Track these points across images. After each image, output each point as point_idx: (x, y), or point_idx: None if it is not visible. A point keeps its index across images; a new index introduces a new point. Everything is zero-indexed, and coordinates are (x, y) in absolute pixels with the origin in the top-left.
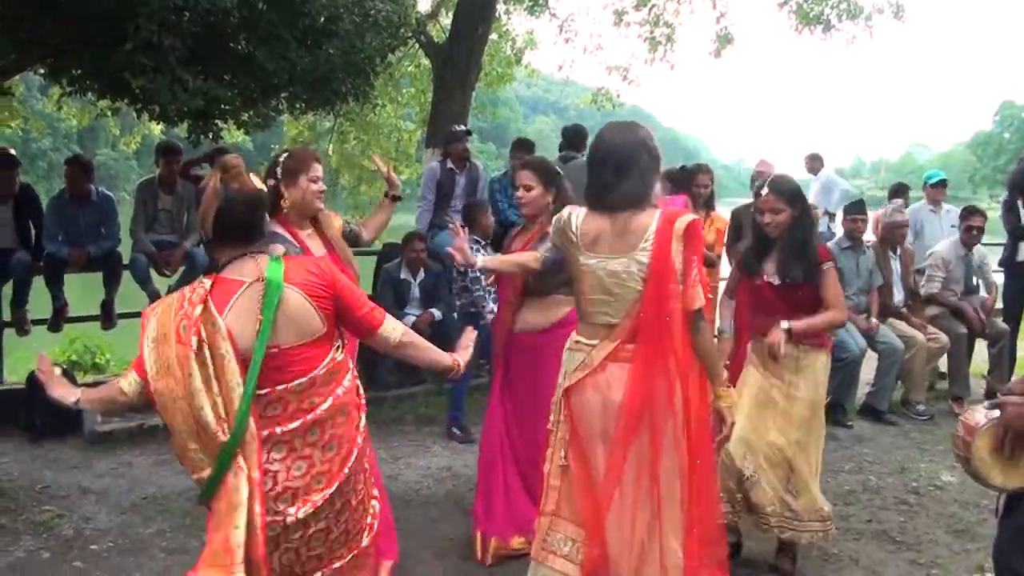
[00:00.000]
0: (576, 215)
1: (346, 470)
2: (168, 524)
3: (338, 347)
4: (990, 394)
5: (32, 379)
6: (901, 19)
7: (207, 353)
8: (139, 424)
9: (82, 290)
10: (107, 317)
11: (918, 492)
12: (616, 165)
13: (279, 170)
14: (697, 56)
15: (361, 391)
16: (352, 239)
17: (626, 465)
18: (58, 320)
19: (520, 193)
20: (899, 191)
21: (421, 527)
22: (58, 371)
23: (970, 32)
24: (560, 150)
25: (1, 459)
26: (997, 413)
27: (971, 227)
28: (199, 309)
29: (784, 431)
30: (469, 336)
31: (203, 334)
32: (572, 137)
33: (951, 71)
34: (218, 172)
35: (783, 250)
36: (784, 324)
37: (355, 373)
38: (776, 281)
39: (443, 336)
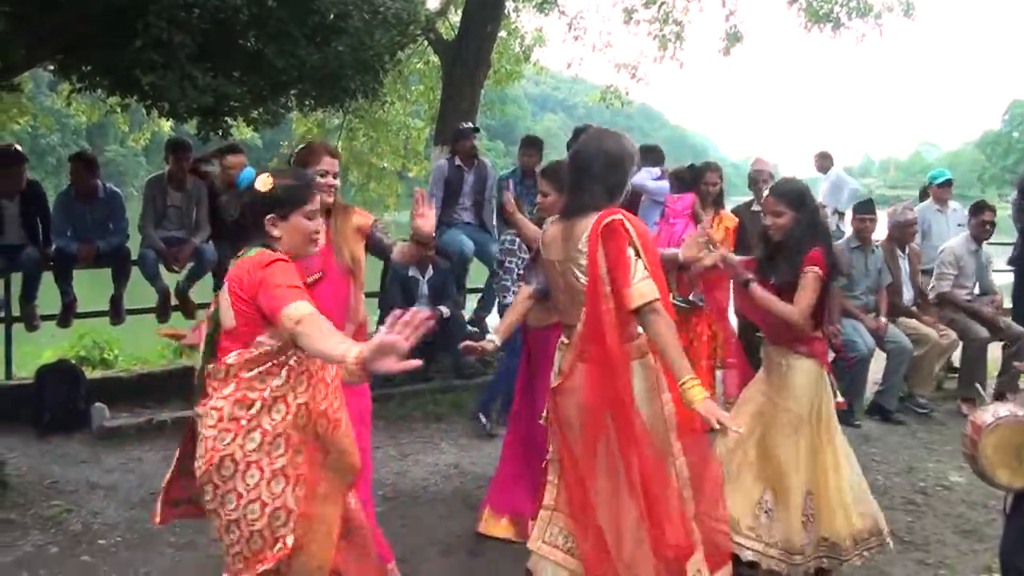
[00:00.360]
0: (547, 223)
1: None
2: (176, 520)
3: (239, 352)
4: (999, 396)
5: (41, 374)
6: (911, 17)
7: None
8: (148, 419)
9: (91, 286)
10: (116, 313)
11: (926, 492)
12: (573, 173)
13: (292, 160)
14: (706, 54)
15: (246, 413)
16: (378, 247)
17: (596, 460)
18: (67, 316)
19: (539, 199)
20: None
21: (428, 524)
22: None
23: (980, 31)
24: (568, 149)
25: (10, 454)
26: (1005, 412)
27: (984, 221)
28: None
29: (769, 446)
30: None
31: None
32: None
33: (960, 70)
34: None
35: (779, 251)
36: (749, 276)
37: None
38: (773, 281)
39: (451, 333)
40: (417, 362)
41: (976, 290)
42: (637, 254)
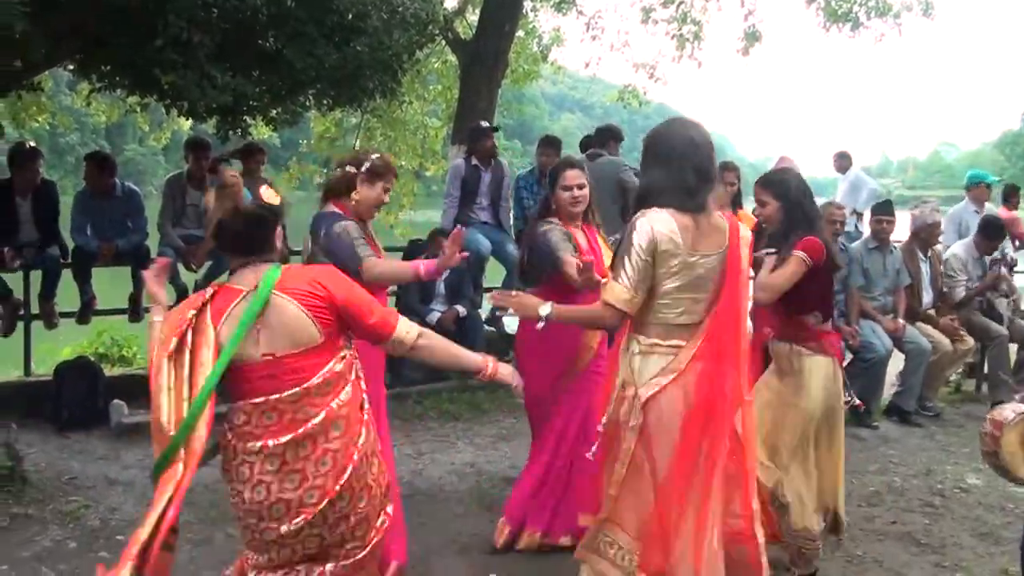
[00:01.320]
0: (664, 219)
1: (338, 487)
2: (193, 515)
3: (341, 358)
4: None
5: (60, 371)
6: (930, 17)
7: (186, 357)
8: None
9: (110, 284)
10: (135, 310)
11: (943, 494)
12: (699, 169)
13: (367, 165)
14: (724, 54)
15: (366, 405)
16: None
17: (695, 466)
18: (86, 313)
19: (577, 192)
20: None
21: (444, 523)
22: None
23: (999, 30)
24: (586, 147)
25: (29, 450)
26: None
27: (996, 245)
28: (191, 313)
29: (772, 437)
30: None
31: (188, 339)
32: (604, 135)
33: (980, 69)
34: (215, 189)
35: (769, 239)
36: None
37: (360, 386)
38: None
39: (467, 332)
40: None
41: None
42: None
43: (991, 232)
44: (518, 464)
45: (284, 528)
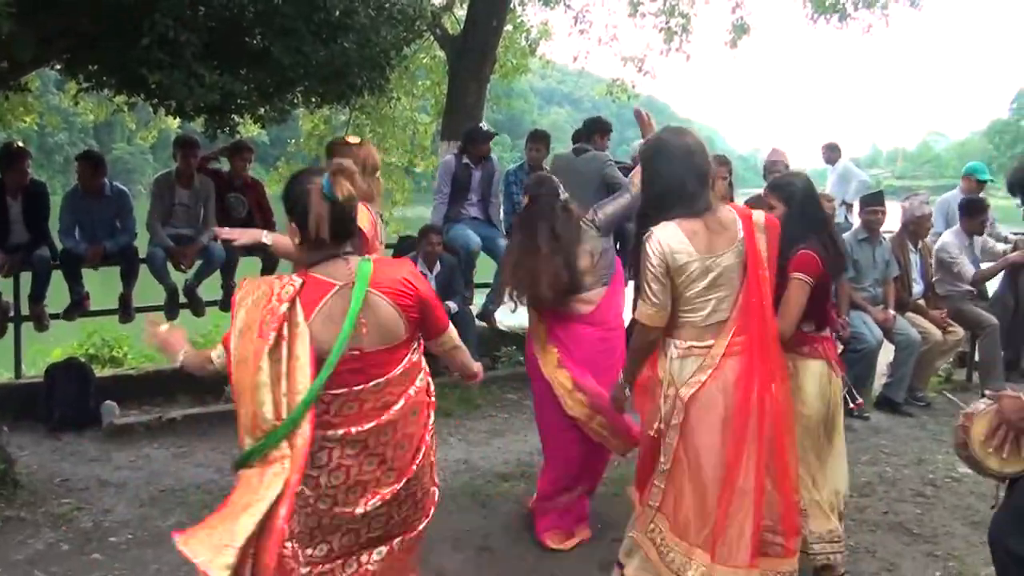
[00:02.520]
0: (673, 231)
1: (415, 466)
2: (187, 516)
3: (415, 348)
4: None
5: (50, 372)
6: (917, 7)
7: (283, 351)
8: (157, 417)
9: (100, 284)
10: (125, 311)
11: (935, 484)
12: (697, 170)
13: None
14: (713, 46)
15: (432, 388)
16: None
17: (741, 458)
18: (78, 309)
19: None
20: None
21: (437, 519)
22: (165, 327)
23: (986, 20)
24: (575, 140)
25: (20, 452)
26: (994, 407)
27: (982, 222)
28: (285, 307)
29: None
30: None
31: (284, 332)
32: (591, 128)
33: (967, 59)
34: (331, 174)
35: None
36: None
37: (427, 371)
38: None
39: (458, 328)
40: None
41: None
42: None
43: (972, 210)
44: (511, 460)
45: (360, 510)
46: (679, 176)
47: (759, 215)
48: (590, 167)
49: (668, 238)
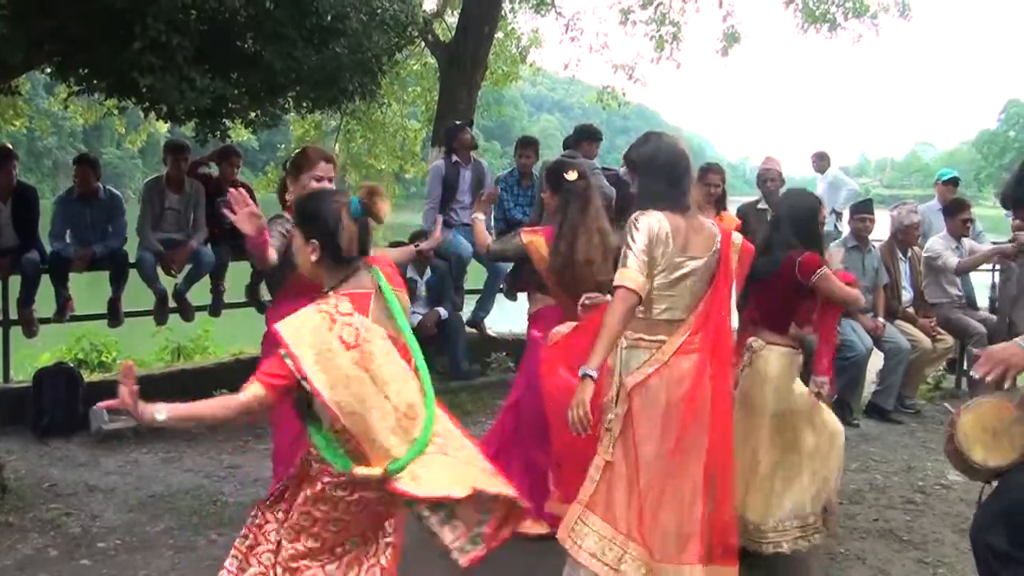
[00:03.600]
0: (660, 219)
1: None
2: (175, 522)
3: None
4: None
5: (39, 377)
6: (907, 18)
7: (375, 364)
8: None
9: (89, 289)
10: (114, 315)
11: (924, 491)
12: (677, 171)
13: (288, 163)
14: (703, 55)
15: None
16: None
17: (683, 453)
18: (63, 313)
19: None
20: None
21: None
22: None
23: (976, 30)
24: (566, 147)
25: (8, 457)
26: (986, 397)
27: (965, 220)
28: (358, 317)
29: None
30: None
31: (364, 338)
32: (579, 135)
33: (957, 69)
34: (366, 195)
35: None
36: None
37: None
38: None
39: (448, 335)
40: None
41: (957, 290)
42: None
43: (952, 210)
44: None
45: None
46: (675, 174)
47: (738, 237)
48: None
49: (655, 222)
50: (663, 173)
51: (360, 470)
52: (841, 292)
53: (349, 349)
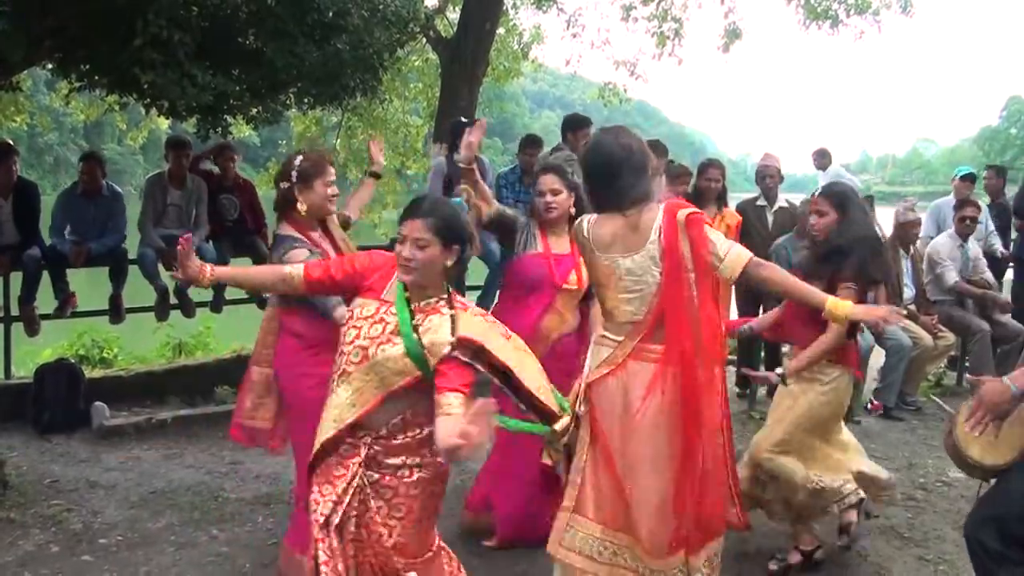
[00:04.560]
0: (588, 221)
1: None
2: (177, 518)
3: None
4: None
5: (40, 373)
6: (909, 14)
7: None
8: (147, 418)
9: (90, 285)
10: (115, 311)
11: (925, 488)
12: (615, 168)
13: (295, 173)
14: (705, 51)
15: None
16: (345, 225)
17: (644, 462)
18: (63, 309)
19: (549, 199)
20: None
21: None
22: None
23: (977, 27)
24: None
25: (10, 453)
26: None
27: (964, 218)
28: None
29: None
30: None
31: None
32: (564, 126)
33: (958, 66)
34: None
35: (819, 250)
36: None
37: None
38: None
39: None
40: None
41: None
42: (711, 233)
43: (957, 207)
44: None
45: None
46: (607, 173)
47: (683, 214)
48: (567, 164)
49: (580, 228)
50: (595, 174)
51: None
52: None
53: (508, 339)
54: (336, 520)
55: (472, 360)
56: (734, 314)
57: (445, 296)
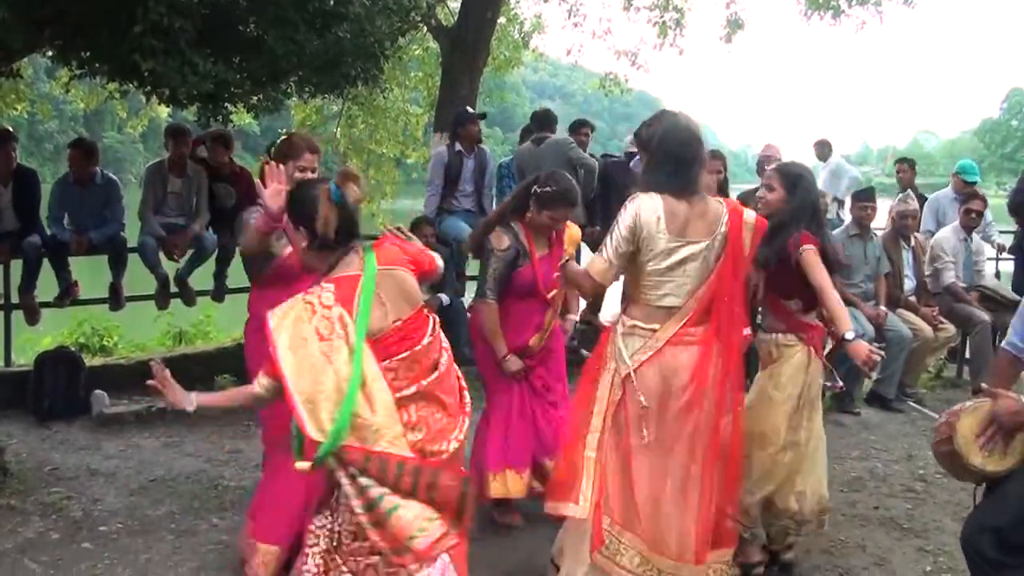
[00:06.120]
0: (654, 204)
1: (466, 407)
2: (176, 506)
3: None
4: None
5: (41, 361)
6: (911, 5)
7: (344, 350)
8: (147, 406)
9: (89, 273)
10: (115, 299)
11: (925, 479)
12: (682, 153)
13: (271, 151)
14: (707, 41)
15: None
16: None
17: (681, 443)
18: (67, 296)
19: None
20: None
21: None
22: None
23: (978, 19)
24: (530, 132)
25: (10, 441)
26: (986, 400)
27: (970, 210)
28: (337, 310)
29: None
30: None
31: (342, 332)
32: (543, 120)
33: (959, 58)
34: (340, 179)
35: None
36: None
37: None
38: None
39: (450, 322)
40: None
41: (961, 282)
42: None
43: (963, 200)
44: None
45: (446, 451)
46: (682, 158)
47: (750, 214)
48: (555, 152)
49: (647, 208)
50: (670, 156)
51: (300, 464)
52: (819, 275)
53: (323, 340)
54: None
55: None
56: None
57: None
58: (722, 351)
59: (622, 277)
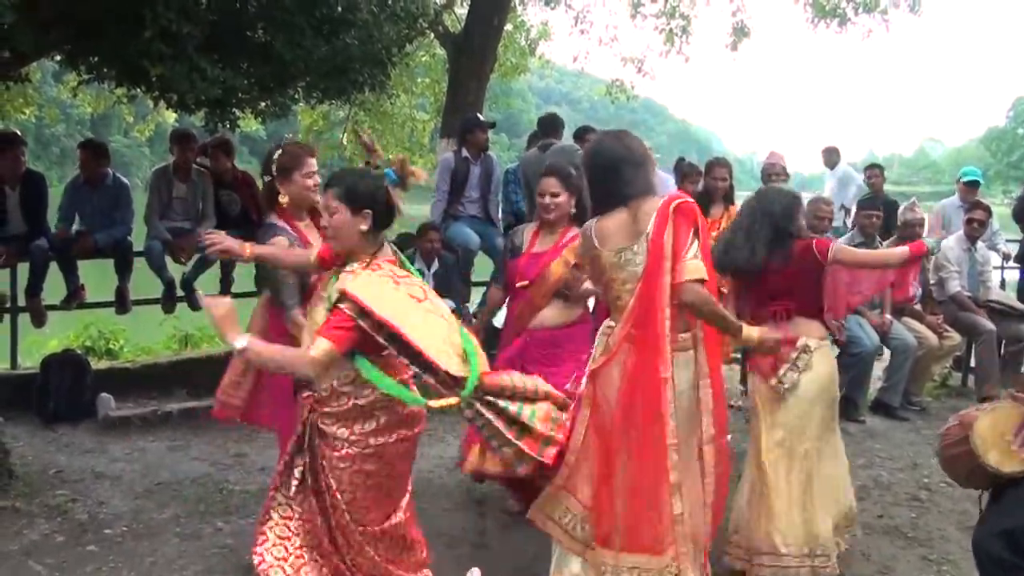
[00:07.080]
0: (593, 222)
1: None
2: (182, 509)
3: None
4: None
5: (47, 364)
6: (917, 13)
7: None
8: (153, 410)
9: (96, 276)
10: (121, 303)
11: (929, 488)
12: (618, 166)
13: (274, 167)
14: (712, 49)
15: None
16: None
17: (625, 439)
18: (74, 299)
19: (548, 200)
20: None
21: (432, 517)
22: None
23: (985, 27)
24: (537, 138)
25: (15, 443)
26: (1004, 402)
27: (972, 220)
28: (416, 279)
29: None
30: None
31: (426, 294)
32: (549, 125)
33: (966, 66)
34: (399, 168)
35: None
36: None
37: None
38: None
39: None
40: None
41: (966, 292)
42: (695, 236)
43: (967, 209)
44: None
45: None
46: (599, 178)
47: (681, 202)
48: (558, 157)
49: (588, 230)
50: (597, 173)
51: (435, 402)
52: (864, 255)
53: (419, 303)
54: (294, 481)
55: (358, 317)
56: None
57: (367, 260)
58: (652, 351)
59: None
